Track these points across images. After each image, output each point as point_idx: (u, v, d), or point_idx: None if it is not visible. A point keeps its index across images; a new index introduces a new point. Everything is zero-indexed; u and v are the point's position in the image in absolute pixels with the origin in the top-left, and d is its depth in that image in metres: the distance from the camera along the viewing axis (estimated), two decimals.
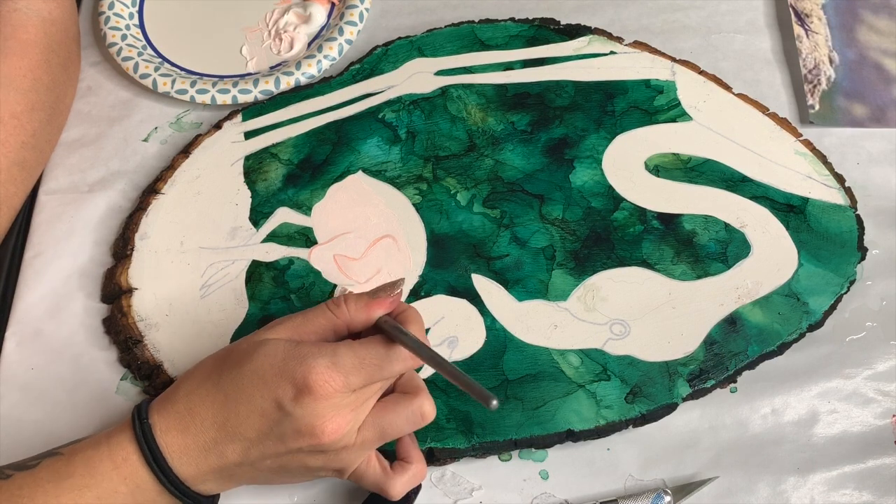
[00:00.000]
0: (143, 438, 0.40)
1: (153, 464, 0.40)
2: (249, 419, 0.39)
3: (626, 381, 0.49)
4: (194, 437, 0.40)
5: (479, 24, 0.61)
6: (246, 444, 0.40)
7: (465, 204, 0.54)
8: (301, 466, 0.42)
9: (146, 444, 0.40)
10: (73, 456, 0.40)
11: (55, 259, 0.54)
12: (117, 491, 0.40)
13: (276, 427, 0.39)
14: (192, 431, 0.40)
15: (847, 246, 0.53)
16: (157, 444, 0.40)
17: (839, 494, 0.47)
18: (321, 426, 0.39)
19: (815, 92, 0.59)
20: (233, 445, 0.40)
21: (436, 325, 0.51)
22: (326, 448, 0.40)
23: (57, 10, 0.57)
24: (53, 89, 0.56)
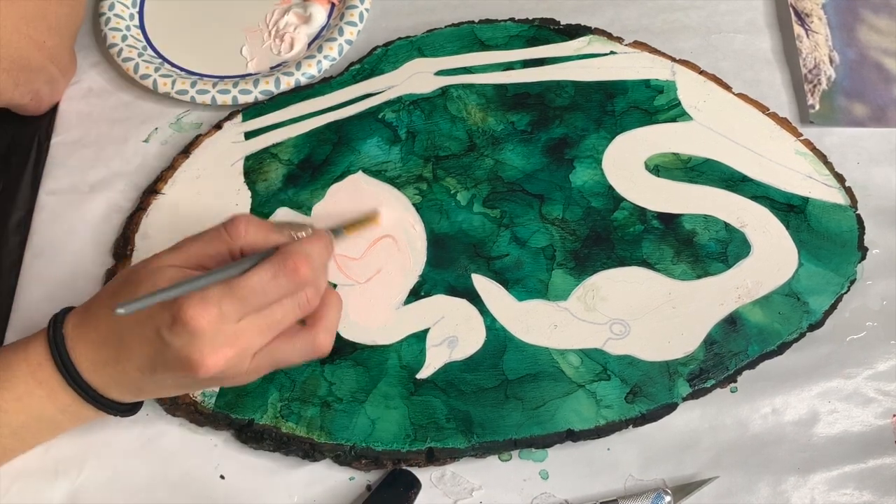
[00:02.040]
0: (56, 348, 0.41)
1: (65, 372, 0.41)
2: (139, 345, 0.40)
3: (626, 380, 0.49)
4: (98, 352, 0.41)
5: (479, 25, 0.61)
6: (139, 365, 0.41)
7: (465, 204, 0.54)
8: (198, 386, 0.43)
9: (58, 353, 0.41)
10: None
11: (55, 259, 0.54)
12: (34, 393, 0.42)
13: (160, 355, 0.40)
14: (97, 345, 0.41)
15: (847, 245, 0.53)
16: (69, 354, 0.41)
17: (839, 494, 0.47)
18: (198, 360, 0.39)
19: (816, 91, 0.59)
20: (129, 364, 0.41)
21: (436, 325, 0.51)
22: (208, 379, 0.40)
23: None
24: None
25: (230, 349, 0.39)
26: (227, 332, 0.39)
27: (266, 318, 0.40)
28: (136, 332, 0.40)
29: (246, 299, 0.39)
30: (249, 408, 0.48)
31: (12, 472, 0.47)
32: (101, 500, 0.47)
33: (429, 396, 0.48)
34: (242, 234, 0.41)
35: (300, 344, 0.42)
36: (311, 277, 0.40)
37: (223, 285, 0.39)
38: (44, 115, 0.59)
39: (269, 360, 0.41)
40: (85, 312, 0.43)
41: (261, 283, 0.39)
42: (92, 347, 0.42)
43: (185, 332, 0.38)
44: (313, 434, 0.48)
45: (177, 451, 0.48)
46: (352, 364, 0.49)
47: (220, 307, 0.38)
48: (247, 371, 0.41)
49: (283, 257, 0.40)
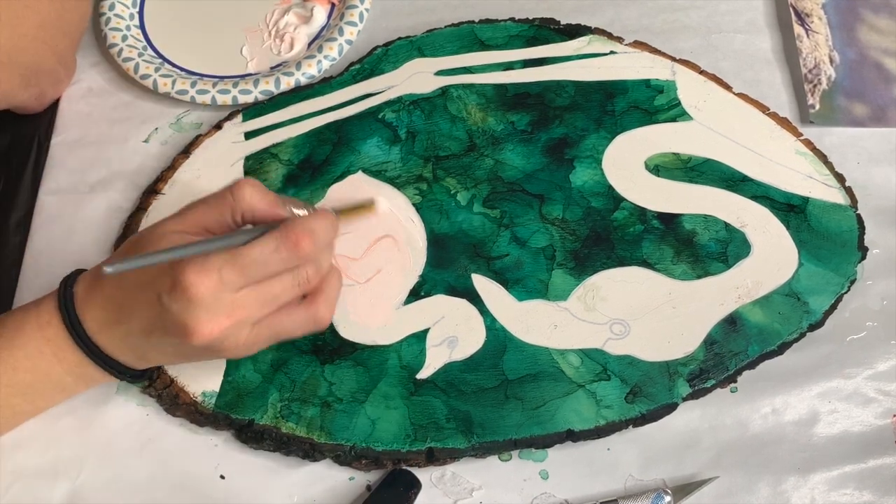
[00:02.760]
0: (65, 306, 0.42)
1: (71, 329, 0.42)
2: (140, 307, 0.41)
3: (626, 380, 0.49)
4: (103, 312, 0.42)
5: (479, 24, 0.61)
6: (140, 327, 0.41)
7: (465, 204, 0.54)
8: (198, 355, 0.43)
9: (66, 311, 0.42)
10: (6, 318, 0.44)
11: (55, 259, 0.54)
12: (42, 351, 0.43)
13: (158, 319, 0.40)
14: (102, 306, 0.42)
15: (847, 245, 0.53)
16: (77, 313, 0.42)
17: (840, 494, 0.47)
18: (193, 327, 0.39)
19: (816, 91, 0.59)
20: (131, 326, 0.42)
21: (436, 325, 0.51)
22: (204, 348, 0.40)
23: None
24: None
25: (226, 319, 0.39)
26: (225, 301, 0.39)
27: (265, 292, 0.40)
28: (138, 295, 0.41)
29: (246, 269, 0.39)
30: (249, 408, 0.48)
31: (12, 472, 0.47)
32: (101, 500, 0.47)
33: (429, 396, 0.48)
34: (247, 197, 0.41)
35: (300, 316, 0.42)
36: (312, 254, 0.40)
37: (225, 254, 0.39)
38: (44, 115, 0.59)
39: (268, 332, 0.42)
40: (94, 274, 0.44)
41: (262, 255, 0.39)
42: (98, 307, 0.42)
43: (184, 298, 0.38)
44: (313, 434, 0.48)
45: (177, 451, 0.48)
46: (352, 364, 0.49)
47: (219, 275, 0.38)
48: (245, 342, 0.41)
49: (287, 231, 0.40)
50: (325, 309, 0.43)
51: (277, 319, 0.42)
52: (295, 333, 0.43)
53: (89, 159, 0.58)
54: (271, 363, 0.50)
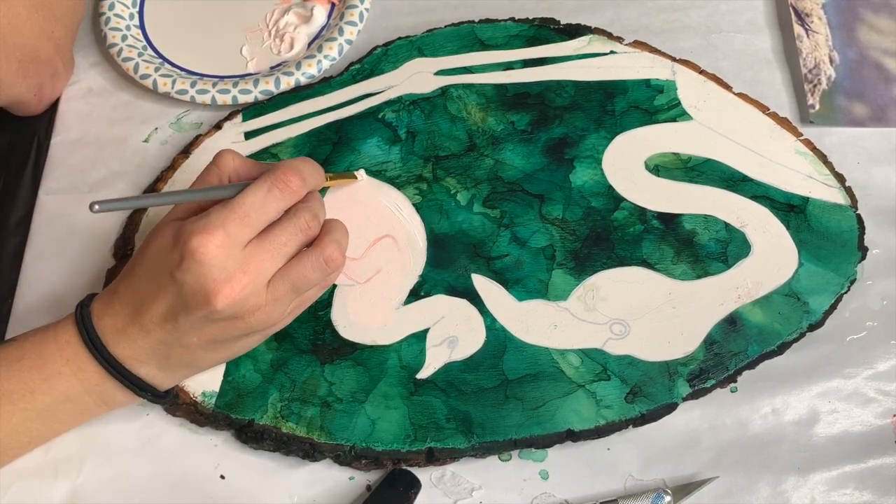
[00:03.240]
0: (82, 322, 0.43)
1: (90, 344, 0.42)
2: (156, 294, 0.41)
3: (626, 380, 0.49)
4: (120, 317, 0.42)
5: (479, 24, 0.61)
6: (161, 317, 0.41)
7: (465, 204, 0.54)
8: (227, 336, 0.43)
9: (83, 327, 0.42)
10: (25, 341, 0.44)
11: (55, 259, 0.54)
12: (61, 372, 0.43)
13: (177, 299, 0.41)
14: (118, 310, 0.43)
15: (847, 245, 0.53)
16: (94, 327, 0.42)
17: (840, 494, 0.47)
18: (213, 290, 0.39)
19: (816, 91, 0.59)
20: (151, 320, 0.42)
21: (436, 325, 0.50)
22: (229, 313, 0.40)
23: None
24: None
25: (242, 274, 0.40)
26: (237, 257, 0.40)
27: (271, 241, 0.41)
28: (150, 286, 0.41)
29: (247, 217, 0.40)
30: (249, 408, 0.48)
31: (12, 472, 0.47)
32: (101, 500, 0.47)
33: (429, 396, 0.48)
34: (230, 162, 0.43)
35: (311, 259, 0.43)
36: (302, 187, 0.42)
37: (221, 208, 0.40)
38: (43, 115, 0.59)
39: (286, 286, 0.42)
40: (108, 291, 0.44)
41: (257, 198, 0.41)
42: (113, 315, 0.43)
43: (195, 264, 0.39)
44: (313, 434, 0.48)
45: (177, 451, 0.48)
46: (352, 364, 0.49)
47: (224, 230, 0.39)
48: (268, 301, 0.42)
49: (274, 171, 0.42)
50: (333, 248, 0.43)
51: (290, 269, 0.42)
52: (311, 278, 0.43)
53: (89, 159, 0.58)
54: (271, 363, 0.50)
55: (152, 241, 0.43)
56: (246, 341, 0.45)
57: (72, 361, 0.43)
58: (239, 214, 0.40)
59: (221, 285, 0.39)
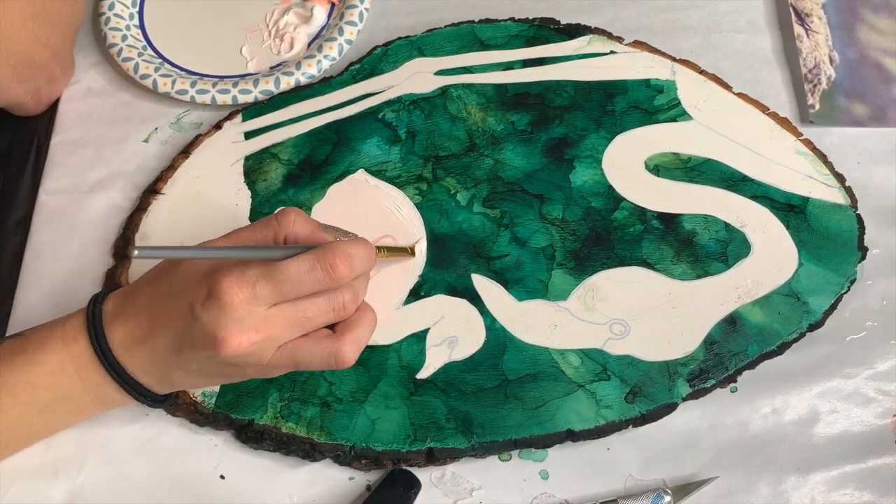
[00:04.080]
0: (92, 321, 0.42)
1: (97, 346, 0.42)
2: (172, 318, 0.41)
3: (626, 380, 0.49)
4: (131, 327, 0.42)
5: (479, 24, 0.61)
6: (169, 342, 0.41)
7: (464, 204, 0.54)
8: (225, 375, 0.43)
9: (92, 327, 0.42)
10: (31, 335, 0.44)
11: (55, 259, 0.54)
12: (64, 368, 0.42)
13: (188, 330, 0.40)
14: (131, 320, 0.42)
15: (847, 245, 0.53)
16: (104, 329, 0.42)
17: (840, 494, 0.47)
18: (222, 338, 0.39)
19: (816, 91, 0.59)
20: (161, 341, 0.41)
21: (436, 325, 0.50)
22: (232, 362, 0.40)
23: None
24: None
25: (256, 334, 0.39)
26: (257, 315, 0.39)
27: (297, 311, 0.40)
28: (170, 307, 0.41)
29: (281, 285, 0.39)
30: (249, 408, 0.48)
31: (12, 472, 0.47)
32: (101, 500, 0.47)
33: (429, 396, 0.48)
34: (291, 222, 0.42)
35: (324, 350, 0.41)
36: (347, 278, 0.40)
37: (261, 267, 0.39)
38: (43, 115, 0.59)
39: (289, 359, 0.42)
40: (125, 293, 0.44)
41: (298, 272, 0.40)
42: (126, 324, 0.42)
43: (216, 307, 0.39)
44: (313, 434, 0.48)
45: (177, 451, 0.48)
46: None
47: (254, 287, 0.39)
48: (268, 363, 0.41)
49: (324, 251, 0.40)
50: (350, 349, 0.42)
51: (301, 346, 0.41)
52: (315, 365, 0.42)
53: (89, 159, 0.58)
54: None
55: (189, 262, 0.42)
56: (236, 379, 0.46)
57: (76, 359, 0.43)
58: (274, 280, 0.39)
59: (233, 336, 0.39)
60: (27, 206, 0.56)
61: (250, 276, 0.39)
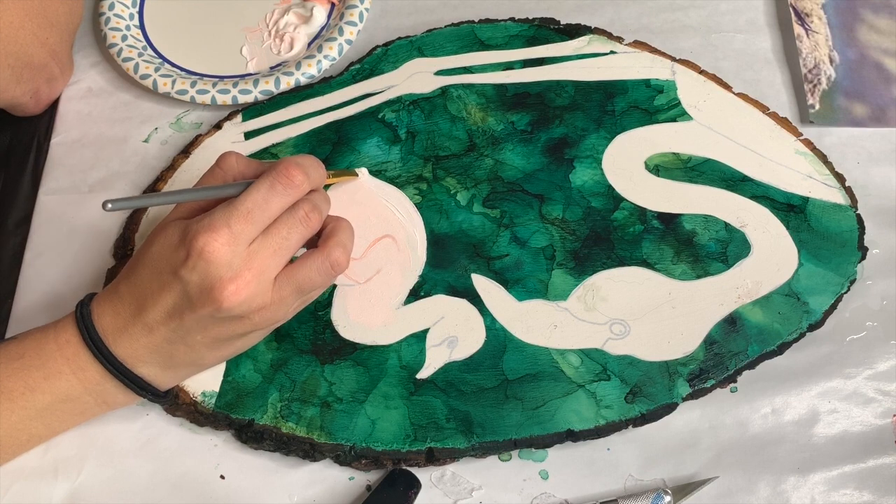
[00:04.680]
0: (82, 321, 0.43)
1: (90, 342, 0.42)
2: (160, 293, 0.41)
3: (626, 380, 0.49)
4: (122, 315, 0.42)
5: (479, 24, 0.61)
6: (164, 316, 0.42)
7: (464, 204, 0.54)
8: (231, 335, 0.43)
9: (84, 326, 0.42)
10: (25, 339, 0.44)
11: (55, 259, 0.54)
12: (61, 371, 0.43)
13: (182, 297, 0.41)
14: (119, 309, 0.42)
15: (847, 245, 0.53)
16: (95, 326, 0.42)
17: (839, 494, 0.47)
18: (219, 289, 0.40)
19: (816, 91, 0.59)
20: (154, 317, 0.42)
21: (436, 325, 0.51)
22: (236, 311, 0.41)
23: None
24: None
25: (248, 272, 0.40)
26: (241, 255, 0.40)
27: (274, 237, 0.41)
28: (154, 285, 0.41)
29: (251, 214, 0.40)
30: (249, 408, 0.48)
31: (12, 471, 0.47)
32: (101, 500, 0.47)
33: (429, 396, 0.48)
34: (234, 164, 0.44)
35: (316, 262, 0.43)
36: (305, 182, 0.42)
37: (225, 207, 0.40)
38: (43, 115, 0.59)
39: (291, 286, 0.42)
40: (107, 290, 0.44)
41: (260, 195, 0.41)
42: (114, 313, 0.43)
43: (201, 262, 0.39)
44: (313, 434, 0.48)
45: (177, 451, 0.48)
46: (352, 364, 0.49)
47: (228, 228, 0.40)
48: (272, 301, 0.42)
49: (276, 167, 0.42)
50: (339, 253, 0.43)
51: (296, 271, 0.43)
52: (315, 280, 0.43)
53: (89, 159, 0.58)
54: (271, 363, 0.50)
55: (155, 239, 0.43)
56: (249, 338, 0.45)
57: (72, 361, 0.43)
58: (242, 212, 0.40)
59: (228, 283, 0.40)
60: (27, 206, 0.56)
61: (220, 218, 0.40)
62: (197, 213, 0.43)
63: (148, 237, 0.44)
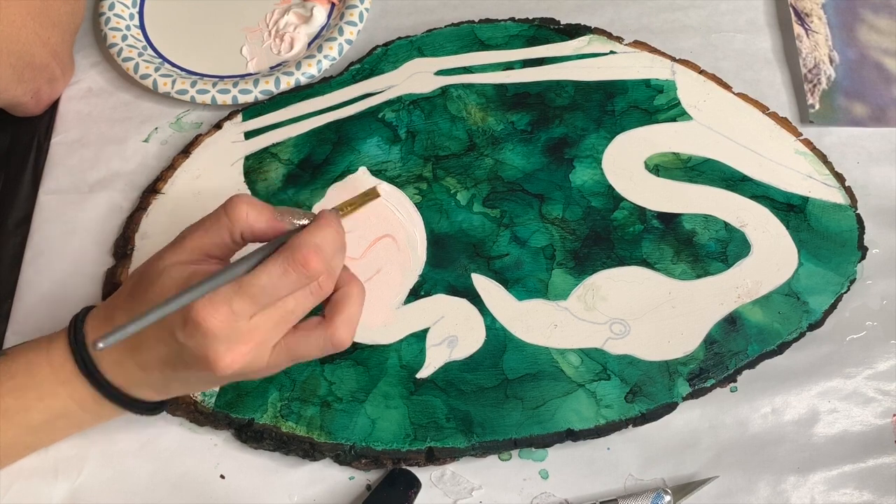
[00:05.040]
0: (76, 347, 0.41)
1: (86, 372, 0.41)
2: (157, 346, 0.40)
3: (626, 380, 0.49)
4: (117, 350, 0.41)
5: (479, 24, 0.61)
6: (159, 365, 0.40)
7: (464, 203, 0.54)
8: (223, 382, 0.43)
9: (79, 353, 0.41)
10: (16, 357, 0.42)
11: (55, 259, 0.54)
12: (56, 393, 0.42)
13: (178, 355, 0.39)
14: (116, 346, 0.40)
15: (847, 245, 0.53)
16: (90, 354, 0.41)
17: (839, 494, 0.47)
18: (214, 359, 0.38)
19: (816, 91, 0.59)
20: (150, 364, 0.41)
21: (435, 325, 0.51)
22: (230, 377, 0.40)
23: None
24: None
25: (245, 346, 0.38)
26: (241, 329, 0.38)
27: (279, 310, 0.39)
28: (151, 335, 0.40)
29: (257, 297, 0.38)
30: (249, 407, 0.48)
31: (12, 472, 0.47)
32: (101, 500, 0.47)
33: (429, 396, 0.48)
34: (244, 217, 0.40)
35: (318, 339, 0.40)
36: (322, 269, 0.39)
37: (232, 285, 0.38)
38: (43, 115, 0.59)
39: (287, 356, 0.41)
40: (103, 313, 0.42)
41: (270, 281, 0.38)
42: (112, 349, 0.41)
43: (198, 333, 0.38)
44: (313, 434, 0.48)
45: (177, 450, 0.48)
46: (352, 364, 0.49)
47: (230, 306, 0.37)
48: (267, 365, 0.41)
49: (292, 251, 0.38)
50: (344, 330, 0.40)
51: (296, 344, 0.40)
52: (314, 355, 0.41)
53: (89, 159, 0.58)
54: None
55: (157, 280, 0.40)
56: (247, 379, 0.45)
57: (67, 384, 0.42)
58: (248, 294, 0.38)
59: (224, 355, 0.38)
60: (27, 206, 0.56)
61: (223, 295, 0.37)
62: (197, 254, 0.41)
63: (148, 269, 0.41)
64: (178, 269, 0.40)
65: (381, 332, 0.50)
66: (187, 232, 0.41)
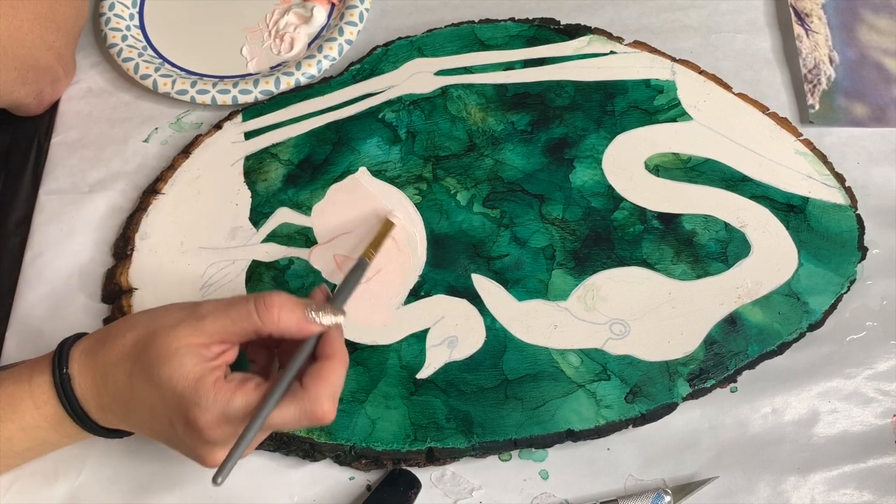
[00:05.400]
0: (62, 389, 0.41)
1: (72, 413, 0.41)
2: (150, 419, 0.41)
3: (626, 380, 0.49)
4: (107, 405, 0.41)
5: (479, 24, 0.61)
6: (148, 429, 0.42)
7: (464, 204, 0.54)
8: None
9: (64, 395, 0.41)
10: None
11: (55, 259, 0.54)
12: (39, 426, 0.42)
13: (171, 437, 0.41)
14: (106, 399, 0.41)
15: (847, 245, 0.53)
16: (76, 395, 0.41)
17: (839, 494, 0.47)
18: (207, 460, 0.40)
19: (816, 91, 0.59)
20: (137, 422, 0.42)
21: (436, 325, 0.50)
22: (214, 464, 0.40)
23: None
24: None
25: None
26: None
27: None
28: (147, 410, 0.40)
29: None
30: None
31: (12, 471, 0.47)
32: (101, 500, 0.47)
33: (429, 396, 0.48)
34: (276, 320, 0.39)
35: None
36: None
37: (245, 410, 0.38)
38: (43, 115, 0.59)
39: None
40: (92, 359, 0.41)
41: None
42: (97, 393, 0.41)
43: (199, 439, 0.39)
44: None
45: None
46: (352, 364, 0.49)
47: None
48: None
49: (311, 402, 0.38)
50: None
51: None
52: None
53: (89, 159, 0.58)
54: None
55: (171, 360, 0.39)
56: None
57: (51, 419, 0.41)
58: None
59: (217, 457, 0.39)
60: (27, 206, 0.56)
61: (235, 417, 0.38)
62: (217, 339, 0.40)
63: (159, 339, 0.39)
64: (192, 358, 0.39)
65: (381, 333, 0.50)
66: (208, 311, 0.40)
